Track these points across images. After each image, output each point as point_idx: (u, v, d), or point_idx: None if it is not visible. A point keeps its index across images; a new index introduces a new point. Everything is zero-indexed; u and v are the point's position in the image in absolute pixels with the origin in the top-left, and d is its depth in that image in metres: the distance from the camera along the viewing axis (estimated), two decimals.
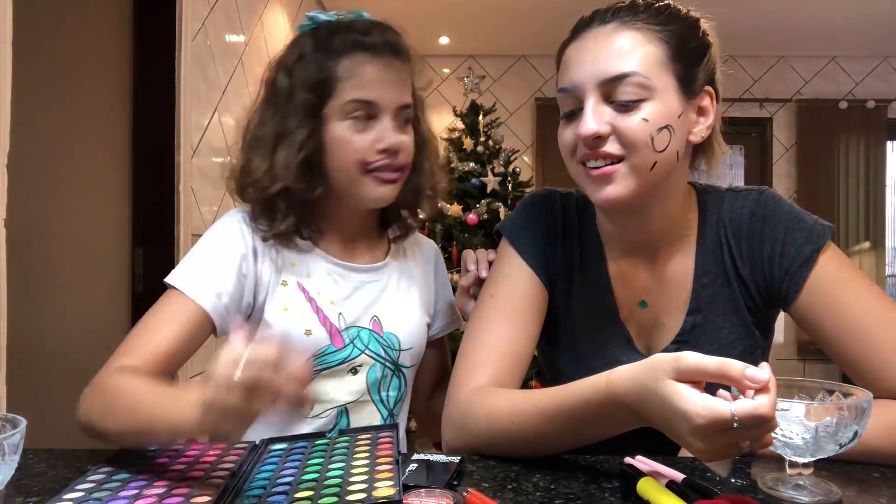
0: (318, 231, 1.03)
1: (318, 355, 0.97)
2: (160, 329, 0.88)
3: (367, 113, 0.95)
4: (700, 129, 0.86)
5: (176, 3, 2.09)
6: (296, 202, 0.97)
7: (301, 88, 0.95)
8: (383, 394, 1.03)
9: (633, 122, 0.81)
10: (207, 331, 0.93)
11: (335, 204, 1.02)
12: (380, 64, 0.95)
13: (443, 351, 1.19)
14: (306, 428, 0.97)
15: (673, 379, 0.63)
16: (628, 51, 0.81)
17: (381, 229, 1.11)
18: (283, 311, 0.97)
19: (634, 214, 0.90)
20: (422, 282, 1.12)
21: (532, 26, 4.21)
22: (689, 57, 0.84)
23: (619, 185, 0.83)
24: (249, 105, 1.02)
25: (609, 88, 0.81)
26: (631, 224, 0.92)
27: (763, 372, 0.61)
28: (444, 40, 4.64)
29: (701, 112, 0.86)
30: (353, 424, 1.00)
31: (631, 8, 0.85)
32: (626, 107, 0.81)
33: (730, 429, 0.59)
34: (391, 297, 1.06)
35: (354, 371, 1.00)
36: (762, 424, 0.59)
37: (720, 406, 0.59)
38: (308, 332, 0.97)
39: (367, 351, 1.01)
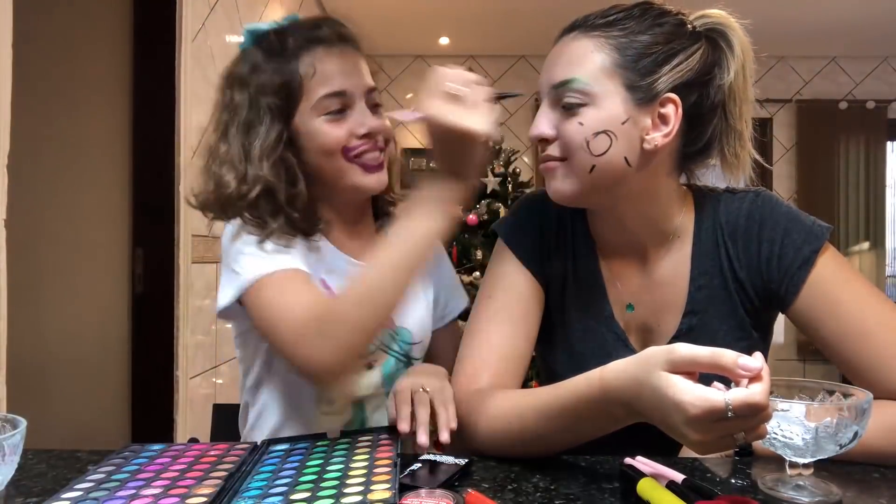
0: (326, 222, 1.01)
1: None
2: None
3: (341, 104, 0.96)
4: (655, 136, 0.84)
5: (176, 3, 2.09)
6: (282, 201, 0.95)
7: (263, 95, 0.95)
8: None
9: (570, 126, 0.84)
10: None
11: (331, 200, 1.02)
12: (337, 54, 0.97)
13: (455, 335, 1.15)
14: (325, 420, 0.99)
15: (666, 371, 0.63)
16: (577, 58, 0.85)
17: (376, 223, 1.12)
18: None
19: (606, 216, 0.93)
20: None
21: (532, 26, 4.21)
22: (644, 65, 0.83)
23: (560, 183, 0.87)
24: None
25: (558, 94, 0.85)
26: (607, 226, 0.95)
27: (755, 361, 0.61)
28: (444, 40, 4.64)
29: (663, 120, 0.84)
30: (368, 416, 1.02)
31: (601, 16, 0.87)
32: (568, 111, 0.84)
33: (724, 419, 0.59)
34: None
35: (370, 366, 1.01)
36: (756, 413, 0.59)
37: (714, 395, 0.59)
38: None
39: (381, 346, 1.02)
